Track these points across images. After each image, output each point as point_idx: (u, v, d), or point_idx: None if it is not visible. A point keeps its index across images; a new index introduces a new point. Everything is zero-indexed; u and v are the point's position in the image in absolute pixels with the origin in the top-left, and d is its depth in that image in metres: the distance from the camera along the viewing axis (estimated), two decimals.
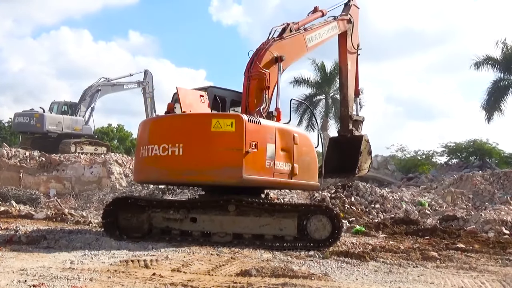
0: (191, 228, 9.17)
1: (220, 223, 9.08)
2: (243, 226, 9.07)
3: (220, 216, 9.09)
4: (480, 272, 7.51)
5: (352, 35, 12.85)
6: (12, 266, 6.45)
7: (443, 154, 38.12)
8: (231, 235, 9.04)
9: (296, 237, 9.05)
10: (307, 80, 39.29)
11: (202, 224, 9.15)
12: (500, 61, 33.05)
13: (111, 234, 9.09)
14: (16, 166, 22.17)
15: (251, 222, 9.07)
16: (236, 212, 9.08)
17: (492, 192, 19.50)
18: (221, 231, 9.05)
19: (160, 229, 9.27)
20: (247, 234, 9.05)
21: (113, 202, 9.65)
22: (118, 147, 46.25)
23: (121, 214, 9.25)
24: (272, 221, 9.08)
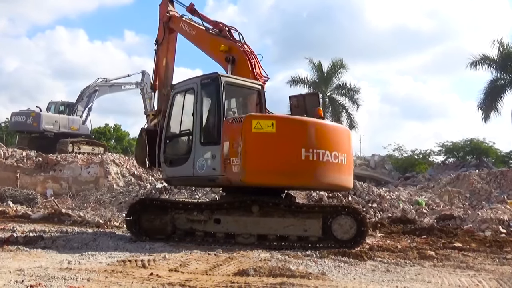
0: (215, 230, 9.23)
1: (244, 224, 9.11)
2: (268, 227, 9.09)
3: (244, 217, 9.11)
4: (477, 271, 7.53)
5: None
6: (9, 267, 6.44)
7: (440, 153, 38.26)
8: (255, 236, 9.07)
9: (320, 238, 9.03)
10: (304, 80, 39.31)
11: (226, 225, 9.18)
12: (497, 61, 33.09)
13: (136, 236, 9.23)
14: (13, 166, 22.10)
15: (276, 223, 9.08)
16: (259, 213, 9.10)
17: (489, 191, 19.56)
18: (245, 232, 9.09)
19: (184, 230, 9.34)
20: (271, 235, 9.07)
21: (136, 203, 9.85)
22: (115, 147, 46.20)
23: (144, 216, 9.35)
24: (296, 222, 9.06)
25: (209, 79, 9.67)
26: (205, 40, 11.38)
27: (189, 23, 11.84)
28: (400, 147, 39.71)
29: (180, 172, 9.78)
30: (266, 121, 8.70)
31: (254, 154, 8.68)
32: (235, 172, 8.68)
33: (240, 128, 8.73)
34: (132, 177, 22.73)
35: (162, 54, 12.59)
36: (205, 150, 9.30)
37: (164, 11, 12.53)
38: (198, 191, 16.99)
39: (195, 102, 9.60)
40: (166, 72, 12.54)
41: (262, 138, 8.65)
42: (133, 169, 23.62)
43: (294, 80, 39.10)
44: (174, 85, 10.29)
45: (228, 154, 8.82)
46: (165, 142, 10.11)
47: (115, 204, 17.06)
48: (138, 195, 17.37)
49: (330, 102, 38.98)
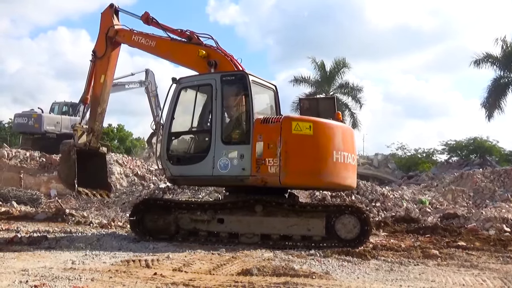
0: (219, 229, 9.28)
1: (248, 224, 9.15)
2: (271, 227, 9.11)
3: (248, 217, 9.15)
4: (481, 269, 7.51)
5: None
6: (14, 267, 6.47)
7: (444, 152, 38.16)
8: (258, 236, 9.10)
9: (324, 237, 9.02)
10: (306, 79, 39.28)
11: (229, 225, 9.23)
12: (500, 59, 33.00)
13: (139, 236, 9.32)
14: (17, 167, 22.13)
15: (279, 223, 9.09)
16: (263, 212, 9.13)
17: (493, 189, 19.48)
18: (249, 232, 9.13)
19: (188, 230, 9.40)
20: (275, 235, 9.09)
21: (140, 203, 9.91)
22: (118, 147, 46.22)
23: (148, 216, 9.43)
24: (300, 221, 9.06)
25: (233, 76, 9.58)
26: (173, 49, 11.09)
27: (145, 35, 11.57)
28: (403, 146, 39.66)
29: (192, 171, 9.50)
30: (305, 123, 8.83)
31: (294, 156, 8.76)
32: (273, 173, 8.71)
33: (279, 129, 8.77)
34: (135, 177, 22.75)
35: (101, 70, 12.20)
36: (229, 149, 9.14)
37: (108, 23, 12.07)
38: (202, 191, 16.99)
39: (214, 99, 9.38)
40: (104, 90, 12.24)
41: (301, 140, 8.77)
42: (136, 169, 23.65)
43: (297, 79, 39.10)
44: (180, 80, 9.85)
45: (262, 155, 8.80)
46: (169, 139, 9.75)
47: (119, 204, 17.09)
48: (141, 195, 17.39)
49: None
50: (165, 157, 9.68)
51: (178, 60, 11.21)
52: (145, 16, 11.74)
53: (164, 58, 12.28)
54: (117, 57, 12.63)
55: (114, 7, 12.22)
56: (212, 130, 9.32)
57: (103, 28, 12.16)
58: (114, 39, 12.03)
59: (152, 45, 11.46)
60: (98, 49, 12.25)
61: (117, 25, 12.09)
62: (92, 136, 12.19)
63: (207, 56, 10.09)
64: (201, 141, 9.83)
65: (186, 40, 10.81)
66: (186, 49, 10.65)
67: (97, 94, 12.28)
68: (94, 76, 12.41)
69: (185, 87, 9.93)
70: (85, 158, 11.79)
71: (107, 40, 12.02)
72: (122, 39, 12.03)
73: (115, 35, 11.98)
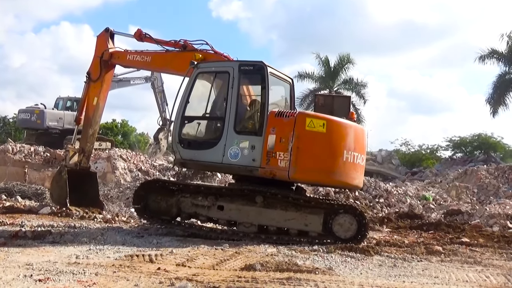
0: (218, 216, 9.41)
1: (247, 213, 9.22)
2: (269, 219, 9.16)
3: (247, 207, 9.22)
4: (484, 266, 7.51)
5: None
6: (18, 261, 6.50)
7: (448, 148, 38.07)
8: (256, 226, 9.18)
9: (320, 234, 9.02)
10: (311, 75, 39.20)
11: (228, 213, 9.32)
12: (505, 55, 32.84)
13: (141, 216, 9.81)
14: (21, 162, 22.18)
15: (277, 215, 9.12)
16: (263, 204, 9.17)
17: (497, 186, 19.46)
18: (247, 221, 9.19)
19: (188, 214, 9.58)
20: (272, 227, 9.16)
21: (143, 184, 10.39)
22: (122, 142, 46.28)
23: (151, 197, 9.68)
24: (298, 216, 9.06)
25: (251, 66, 9.53)
26: (169, 60, 11.22)
27: (139, 52, 11.71)
28: (407, 142, 39.58)
29: (202, 157, 9.51)
30: (318, 121, 8.82)
31: (306, 152, 8.77)
32: (282, 166, 8.75)
33: (293, 123, 8.77)
34: (139, 172, 22.77)
35: (94, 92, 12.35)
36: (241, 139, 9.16)
37: (103, 47, 12.18)
38: (206, 180, 17.22)
39: (230, 87, 9.32)
40: (96, 112, 12.40)
41: (314, 137, 8.79)
42: (140, 165, 23.68)
43: (301, 75, 39.02)
44: (198, 64, 9.73)
45: (274, 148, 8.83)
46: (182, 123, 9.71)
47: (123, 199, 17.11)
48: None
49: None
50: (176, 140, 9.69)
51: (176, 69, 11.19)
52: (137, 33, 11.92)
53: (162, 71, 12.53)
54: (111, 79, 12.95)
55: (110, 30, 12.36)
56: (226, 118, 9.30)
57: (97, 51, 12.30)
58: (109, 62, 12.20)
59: (148, 61, 11.66)
60: (92, 72, 12.39)
61: (111, 48, 12.24)
62: (83, 157, 12.51)
63: (204, 59, 10.18)
64: (213, 128, 9.86)
65: (181, 49, 11.00)
66: (182, 57, 10.74)
67: (89, 116, 12.47)
68: (87, 98, 12.60)
69: (202, 72, 9.90)
70: (76, 178, 12.14)
71: (101, 64, 12.18)
72: (117, 60, 12.21)
73: (110, 58, 12.15)
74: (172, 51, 11.26)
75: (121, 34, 12.72)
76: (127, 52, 12.04)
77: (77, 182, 12.18)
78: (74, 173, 12.22)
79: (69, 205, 12.02)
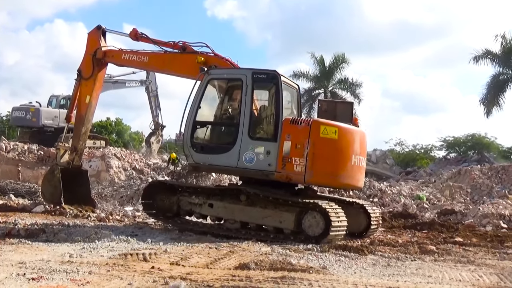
0: (208, 213, 10.05)
1: (232, 211, 9.73)
2: (249, 216, 9.57)
3: (233, 205, 9.73)
4: (477, 265, 7.54)
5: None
6: (11, 260, 6.46)
7: (442, 148, 38.22)
8: (239, 222, 9.65)
9: (293, 231, 9.22)
10: (305, 74, 39.21)
11: (217, 210, 9.90)
12: (499, 55, 32.97)
13: (149, 212, 10.68)
14: (15, 160, 22.07)
15: (256, 213, 9.49)
16: (246, 202, 9.62)
17: (490, 186, 19.51)
18: (232, 218, 9.72)
19: (186, 211, 10.28)
20: (252, 224, 9.56)
21: (150, 185, 11.14)
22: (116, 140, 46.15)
23: (158, 196, 10.40)
24: (274, 214, 9.36)
25: (265, 75, 9.90)
26: (169, 61, 11.35)
27: (136, 52, 11.76)
28: (401, 142, 39.73)
29: (216, 161, 9.90)
30: (331, 128, 9.32)
31: (320, 157, 9.24)
32: (298, 171, 9.16)
33: (308, 131, 9.20)
34: (133, 171, 22.72)
35: (86, 90, 12.28)
36: (256, 145, 9.56)
37: (95, 45, 12.13)
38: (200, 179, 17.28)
39: (244, 94, 9.66)
40: (88, 110, 12.36)
41: (327, 143, 9.26)
42: (134, 163, 23.62)
43: (296, 74, 38.99)
44: (209, 71, 10.06)
45: (289, 153, 9.21)
46: (194, 127, 10.01)
47: (117, 198, 17.08)
48: (139, 188, 17.38)
49: (332, 96, 38.88)
50: (189, 144, 9.98)
51: (176, 71, 11.43)
52: (133, 33, 11.90)
53: (160, 71, 12.48)
54: (103, 77, 12.90)
55: (102, 28, 12.28)
56: (240, 124, 9.65)
57: (89, 49, 12.25)
58: (102, 60, 12.15)
59: (145, 61, 11.74)
60: (84, 69, 12.29)
61: (104, 46, 12.17)
62: (76, 155, 12.47)
63: (205, 62, 10.39)
64: (227, 133, 10.27)
65: (180, 51, 11.10)
66: (183, 59, 10.98)
67: (82, 114, 12.41)
68: (79, 95, 12.51)
69: (214, 79, 10.22)
70: (68, 177, 12.12)
71: (94, 62, 12.12)
72: (112, 59, 12.18)
73: (103, 56, 12.10)
74: (171, 52, 11.32)
75: (114, 32, 12.65)
76: (122, 51, 12.00)
77: (69, 181, 12.13)
78: (66, 172, 12.16)
79: (63, 204, 11.97)
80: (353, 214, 10.02)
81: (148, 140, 30.98)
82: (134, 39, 11.93)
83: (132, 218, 12.36)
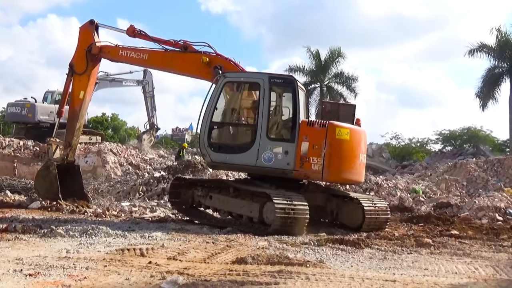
0: (209, 204, 10.90)
1: (223, 202, 10.53)
2: (233, 206, 10.32)
3: (223, 196, 10.52)
4: (473, 258, 7.58)
5: None
6: (8, 256, 6.45)
7: (437, 141, 38.34)
8: (227, 212, 10.48)
9: (258, 219, 9.74)
10: (301, 68, 39.18)
11: (214, 202, 10.74)
12: (495, 49, 33.03)
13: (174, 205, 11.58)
14: (10, 156, 22.03)
15: (236, 203, 10.23)
16: (234, 194, 10.34)
17: (486, 179, 19.59)
18: (222, 208, 10.57)
19: (197, 202, 11.14)
20: (234, 213, 10.33)
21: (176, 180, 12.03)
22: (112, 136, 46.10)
23: (181, 190, 11.35)
24: (247, 204, 10.00)
25: (282, 79, 10.71)
26: (171, 59, 11.45)
27: (134, 49, 11.77)
28: (397, 136, 39.80)
29: (235, 160, 10.36)
30: (345, 129, 10.03)
31: (336, 157, 9.92)
32: (316, 170, 9.80)
33: (325, 132, 9.84)
34: (129, 166, 22.72)
35: (80, 86, 12.18)
36: (274, 145, 10.07)
37: (88, 39, 12.02)
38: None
39: (261, 97, 10.12)
40: (83, 106, 12.27)
41: (341, 144, 10.00)
42: (130, 158, 23.61)
43: (292, 68, 38.97)
44: (225, 74, 10.47)
45: (307, 153, 9.81)
46: (210, 128, 10.44)
47: (113, 193, 17.06)
48: (136, 184, 17.38)
49: (328, 90, 38.92)
50: (206, 144, 10.43)
51: (178, 69, 11.60)
52: (131, 30, 11.84)
53: (159, 69, 12.43)
54: (97, 72, 12.81)
55: (95, 23, 12.16)
56: (258, 125, 10.14)
57: (82, 43, 12.16)
58: (97, 55, 12.04)
59: (144, 58, 11.76)
60: (77, 64, 12.17)
61: (98, 41, 12.07)
62: (70, 151, 12.37)
63: (210, 62, 10.70)
64: (245, 134, 10.75)
65: (181, 50, 11.21)
66: (187, 58, 11.18)
67: (76, 110, 12.32)
68: (72, 91, 12.39)
69: (230, 82, 10.65)
70: (61, 172, 12.04)
71: (88, 57, 12.02)
72: (107, 55, 12.12)
73: (99, 52, 12.01)
74: (172, 51, 11.37)
75: (108, 28, 12.53)
76: (118, 48, 11.96)
77: (62, 176, 12.08)
78: (59, 167, 12.10)
79: (61, 200, 11.93)
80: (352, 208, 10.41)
81: (141, 136, 31.11)
82: (132, 35, 11.87)
83: (129, 214, 12.35)
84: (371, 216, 10.26)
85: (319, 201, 10.66)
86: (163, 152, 29.60)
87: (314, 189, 10.87)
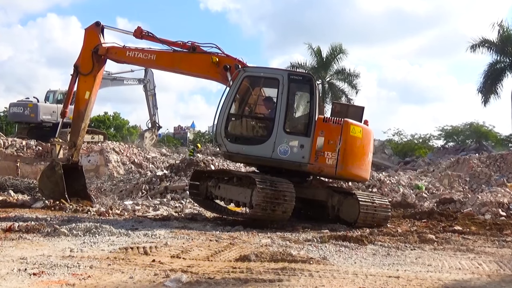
0: (217, 194, 11.28)
1: (226, 191, 10.95)
2: (232, 194, 10.78)
3: (228, 186, 10.94)
4: (477, 253, 7.58)
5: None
6: (12, 255, 6.47)
7: (440, 137, 38.29)
8: (229, 200, 10.94)
9: (248, 203, 10.19)
10: (303, 65, 39.11)
11: (222, 191, 11.11)
12: (496, 43, 32.92)
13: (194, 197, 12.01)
14: (13, 156, 22.08)
15: (236, 191, 10.64)
16: (236, 183, 10.73)
17: (489, 174, 19.58)
18: (226, 196, 10.99)
19: (210, 193, 11.44)
20: (234, 200, 10.80)
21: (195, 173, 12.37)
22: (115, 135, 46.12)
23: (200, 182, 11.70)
24: (243, 191, 10.39)
25: (300, 76, 11.07)
26: (180, 60, 11.56)
27: (141, 50, 11.82)
28: (399, 132, 39.77)
29: (251, 151, 10.61)
30: (358, 128, 10.49)
31: (349, 153, 10.34)
32: (330, 164, 10.18)
33: (340, 129, 10.24)
34: (132, 165, 22.76)
35: (86, 86, 12.17)
36: (290, 138, 10.35)
37: (94, 41, 12.03)
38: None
39: (280, 93, 10.41)
40: (88, 106, 12.26)
41: (355, 141, 10.45)
42: (133, 157, 23.65)
43: (293, 65, 38.91)
44: (245, 68, 10.79)
45: (322, 148, 10.17)
46: (228, 118, 10.67)
47: (116, 192, 17.11)
48: (138, 183, 17.41)
49: (329, 87, 38.86)
50: (223, 135, 10.68)
51: (188, 69, 11.76)
52: (138, 31, 11.85)
53: (167, 70, 12.47)
54: (102, 73, 12.79)
55: (101, 25, 12.17)
56: (275, 119, 10.42)
57: (88, 45, 12.15)
58: (103, 56, 12.08)
59: (152, 59, 11.86)
60: (82, 65, 12.16)
61: (104, 43, 12.08)
62: (74, 151, 12.39)
63: (219, 62, 10.95)
64: (262, 126, 10.90)
65: (190, 51, 11.35)
66: (196, 59, 11.35)
67: (81, 110, 12.31)
68: (78, 91, 12.38)
69: (249, 76, 10.89)
70: (65, 173, 12.06)
71: (94, 58, 12.03)
72: (115, 56, 12.15)
73: (105, 53, 12.03)
74: (180, 52, 11.48)
75: (114, 29, 12.55)
76: (126, 49, 11.99)
77: (65, 177, 12.11)
78: (63, 168, 12.12)
79: (68, 200, 11.95)
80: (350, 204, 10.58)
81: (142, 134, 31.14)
82: (139, 37, 11.89)
83: (132, 212, 12.38)
84: (367, 211, 10.33)
85: (322, 196, 10.89)
86: (165, 151, 29.63)
87: (317, 185, 11.15)
